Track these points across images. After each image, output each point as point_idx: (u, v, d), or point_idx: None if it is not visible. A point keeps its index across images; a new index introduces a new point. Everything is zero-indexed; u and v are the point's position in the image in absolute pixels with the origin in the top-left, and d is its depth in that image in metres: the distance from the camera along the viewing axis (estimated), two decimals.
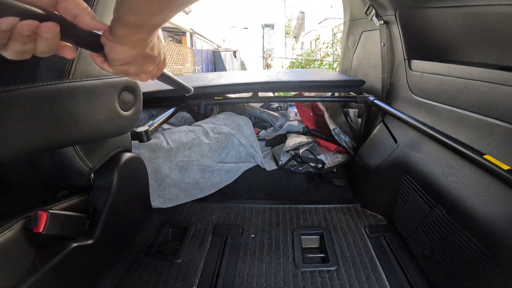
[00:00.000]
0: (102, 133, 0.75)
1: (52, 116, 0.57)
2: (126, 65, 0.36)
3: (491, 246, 0.62)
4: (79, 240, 0.70)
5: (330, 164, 1.49)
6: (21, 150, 0.53)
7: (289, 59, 11.40)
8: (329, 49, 8.66)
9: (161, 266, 0.91)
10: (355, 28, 1.64)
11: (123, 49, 0.34)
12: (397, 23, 1.12)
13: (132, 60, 0.36)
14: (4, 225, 0.55)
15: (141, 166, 0.99)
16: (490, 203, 0.65)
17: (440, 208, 0.80)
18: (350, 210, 1.22)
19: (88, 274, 0.75)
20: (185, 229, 1.09)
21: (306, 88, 1.52)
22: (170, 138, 1.29)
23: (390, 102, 1.26)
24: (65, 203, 0.71)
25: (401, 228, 1.02)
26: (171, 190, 1.24)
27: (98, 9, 0.69)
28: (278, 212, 1.21)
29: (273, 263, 0.93)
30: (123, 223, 0.90)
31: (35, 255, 0.60)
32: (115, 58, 0.35)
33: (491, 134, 0.72)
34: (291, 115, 2.18)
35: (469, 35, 0.91)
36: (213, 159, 1.39)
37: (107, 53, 0.35)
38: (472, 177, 0.72)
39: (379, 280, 0.86)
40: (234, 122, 1.55)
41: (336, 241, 1.03)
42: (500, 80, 0.70)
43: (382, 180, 1.15)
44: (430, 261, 0.83)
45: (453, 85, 0.87)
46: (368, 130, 1.39)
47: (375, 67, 1.38)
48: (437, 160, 0.87)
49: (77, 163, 0.72)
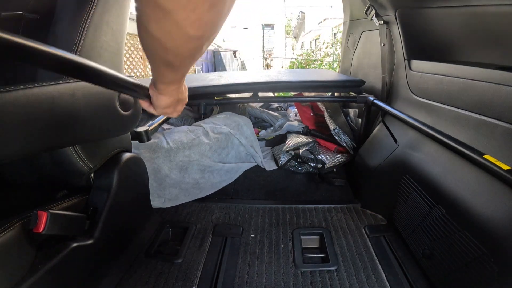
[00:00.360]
0: (102, 133, 0.75)
1: (52, 116, 0.57)
2: (167, 108, 0.52)
3: (491, 246, 0.62)
4: (79, 240, 0.70)
5: (330, 164, 1.49)
6: (21, 150, 0.53)
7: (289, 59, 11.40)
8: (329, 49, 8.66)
9: (161, 266, 0.91)
10: (355, 28, 1.64)
11: (164, 97, 0.49)
12: (397, 23, 1.12)
13: (171, 104, 0.51)
14: (4, 225, 0.55)
15: (141, 166, 0.99)
16: (490, 203, 0.65)
17: (440, 208, 0.80)
18: (350, 210, 1.22)
19: (88, 274, 0.75)
20: (185, 229, 1.09)
21: (306, 88, 1.52)
22: (170, 138, 1.29)
23: (390, 102, 1.26)
24: (65, 203, 0.71)
25: (401, 228, 1.02)
26: (171, 190, 1.24)
27: (98, 9, 0.69)
28: (278, 212, 1.21)
29: (273, 263, 0.93)
30: (123, 223, 0.90)
31: (35, 255, 0.60)
32: (160, 105, 0.51)
33: (491, 134, 0.72)
34: (291, 115, 2.18)
35: (469, 35, 0.91)
36: (213, 159, 1.39)
37: (154, 101, 0.51)
38: (472, 177, 0.72)
39: (379, 280, 0.86)
40: (234, 122, 1.55)
41: (336, 241, 1.03)
42: (500, 80, 0.70)
43: (382, 180, 1.15)
44: (430, 261, 0.83)
45: (453, 85, 0.87)
46: (368, 130, 1.39)
47: (375, 67, 1.38)
48: (437, 160, 0.87)
49: (77, 163, 0.72)
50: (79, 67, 0.37)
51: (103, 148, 0.82)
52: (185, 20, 0.29)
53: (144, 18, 0.31)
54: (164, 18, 0.29)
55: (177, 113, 0.57)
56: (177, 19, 0.29)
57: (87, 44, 0.67)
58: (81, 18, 0.66)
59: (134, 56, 6.11)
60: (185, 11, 0.28)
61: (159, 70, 0.43)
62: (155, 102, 0.51)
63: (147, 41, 0.34)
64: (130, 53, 5.97)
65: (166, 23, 0.29)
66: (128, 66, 5.94)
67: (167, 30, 0.30)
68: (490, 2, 0.76)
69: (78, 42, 0.65)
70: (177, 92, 0.51)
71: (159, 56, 0.37)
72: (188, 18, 0.29)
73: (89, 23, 0.67)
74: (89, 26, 0.67)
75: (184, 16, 0.28)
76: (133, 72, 6.13)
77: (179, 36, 0.31)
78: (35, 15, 0.73)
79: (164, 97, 0.49)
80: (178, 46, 0.33)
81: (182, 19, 0.29)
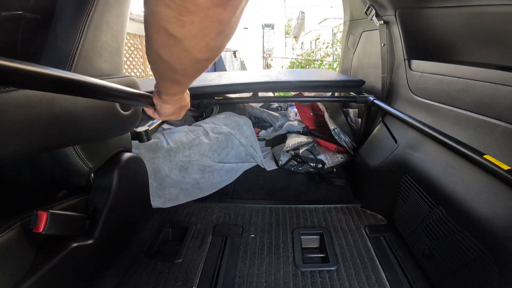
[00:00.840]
0: (102, 133, 0.75)
1: (52, 116, 0.57)
2: (171, 115, 0.56)
3: (491, 246, 0.62)
4: (79, 240, 0.70)
5: (330, 164, 1.49)
6: (21, 150, 0.53)
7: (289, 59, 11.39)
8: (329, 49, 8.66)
9: (161, 266, 0.91)
10: (355, 28, 1.64)
11: (169, 106, 0.53)
12: (397, 23, 1.12)
13: (174, 112, 0.56)
14: (4, 225, 0.55)
15: (141, 166, 0.99)
16: (490, 203, 0.65)
17: (440, 208, 0.80)
18: (350, 210, 1.22)
19: (88, 274, 0.75)
20: (185, 229, 1.09)
21: (306, 88, 1.52)
22: (170, 138, 1.29)
23: (390, 102, 1.26)
24: (65, 203, 0.71)
25: (401, 228, 1.02)
26: (171, 190, 1.24)
27: (98, 9, 0.69)
28: (278, 212, 1.21)
29: (273, 263, 0.93)
30: (123, 223, 0.90)
31: (35, 255, 0.60)
32: (164, 113, 0.55)
33: (491, 134, 0.72)
34: (291, 115, 2.18)
35: (469, 35, 0.91)
36: (213, 159, 1.38)
37: (158, 109, 0.54)
38: (472, 177, 0.72)
39: (379, 280, 0.86)
40: (234, 122, 1.55)
41: (336, 241, 1.03)
42: (500, 80, 0.70)
43: (382, 180, 1.15)
44: (430, 261, 0.83)
45: (453, 85, 0.87)
46: (368, 130, 1.39)
47: (375, 67, 1.38)
48: (437, 160, 0.87)
49: (77, 163, 0.72)
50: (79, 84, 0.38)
51: (103, 148, 0.82)
52: (195, 46, 0.30)
53: (155, 44, 0.31)
54: (175, 45, 0.30)
55: (180, 117, 0.61)
56: (186, 46, 0.29)
57: (87, 44, 0.67)
58: (81, 18, 0.66)
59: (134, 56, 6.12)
60: (195, 39, 0.29)
61: (166, 85, 0.45)
62: (160, 111, 0.54)
63: (156, 63, 0.35)
64: (130, 53, 5.98)
65: (176, 50, 0.30)
66: (128, 66, 5.95)
67: (177, 55, 0.32)
68: (490, 2, 0.76)
69: (78, 42, 0.65)
70: (181, 101, 0.54)
71: (167, 75, 0.39)
72: (198, 45, 0.30)
73: (89, 23, 0.67)
74: (89, 26, 0.67)
75: (193, 43, 0.29)
76: (133, 72, 6.13)
77: (188, 60, 0.32)
78: (35, 15, 0.73)
79: (169, 106, 0.53)
80: (186, 68, 0.35)
81: (191, 46, 0.30)
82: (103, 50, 0.73)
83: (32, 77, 0.30)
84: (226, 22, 0.28)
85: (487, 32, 0.83)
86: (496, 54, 0.82)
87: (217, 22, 0.27)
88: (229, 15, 0.27)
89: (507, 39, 0.78)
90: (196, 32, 0.28)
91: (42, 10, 0.73)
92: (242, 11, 0.29)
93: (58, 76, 0.33)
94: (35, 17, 0.73)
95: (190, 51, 0.30)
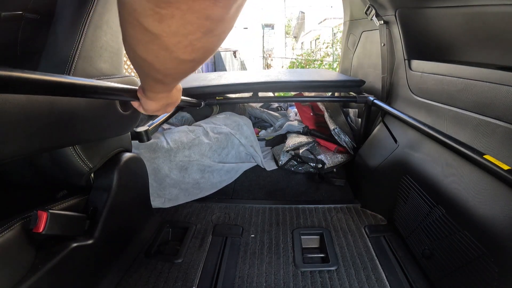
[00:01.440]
0: (102, 133, 0.75)
1: (52, 116, 0.57)
2: (156, 112, 0.54)
3: (491, 246, 0.62)
4: (79, 240, 0.70)
5: (330, 164, 1.49)
6: (21, 150, 0.53)
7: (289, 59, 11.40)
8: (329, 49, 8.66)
9: (161, 266, 0.91)
10: (355, 28, 1.64)
11: (153, 103, 0.50)
12: (397, 23, 1.12)
13: (160, 109, 0.53)
14: (4, 225, 0.55)
15: (141, 166, 0.99)
16: (490, 203, 0.65)
17: (440, 208, 0.80)
18: (350, 210, 1.22)
19: (88, 274, 0.75)
20: (185, 229, 1.09)
21: (306, 88, 1.52)
22: (170, 138, 1.29)
23: (390, 102, 1.26)
24: (65, 203, 0.71)
25: (401, 228, 1.02)
26: (171, 190, 1.24)
27: (98, 9, 0.69)
28: (278, 212, 1.21)
29: (273, 263, 0.93)
30: (123, 223, 0.90)
31: (35, 255, 0.60)
32: (148, 109, 0.53)
33: (491, 134, 0.72)
34: (291, 115, 2.17)
35: (469, 35, 0.90)
36: (213, 159, 1.38)
37: (143, 104, 0.53)
38: (472, 177, 0.72)
39: (379, 280, 0.86)
40: (234, 122, 1.55)
41: (336, 241, 1.03)
42: (500, 80, 0.70)
43: (382, 180, 1.15)
44: (430, 261, 0.83)
45: (453, 85, 0.87)
46: (368, 130, 1.39)
47: (375, 67, 1.38)
48: (437, 160, 0.87)
49: (77, 163, 0.72)
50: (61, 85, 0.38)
51: (103, 148, 0.82)
52: (176, 45, 0.26)
53: (130, 39, 0.28)
54: (152, 42, 0.26)
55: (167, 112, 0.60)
56: (166, 43, 0.26)
57: (87, 44, 0.67)
58: (81, 18, 0.66)
59: None
60: (176, 36, 0.25)
61: (149, 83, 0.41)
62: (144, 106, 0.53)
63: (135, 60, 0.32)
64: None
65: (154, 47, 0.27)
66: (128, 66, 5.93)
67: (155, 54, 0.28)
68: (490, 2, 0.76)
69: (78, 42, 0.65)
70: (167, 99, 0.51)
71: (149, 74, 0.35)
72: (180, 43, 0.26)
73: (89, 23, 0.67)
74: (89, 26, 0.67)
75: (174, 41, 0.25)
76: (133, 71, 6.13)
77: (169, 59, 0.29)
78: (35, 15, 0.73)
79: (153, 103, 0.50)
80: (168, 68, 0.31)
81: (172, 44, 0.26)
82: (103, 50, 0.73)
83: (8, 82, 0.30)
84: (217, 19, 0.24)
85: (487, 32, 0.83)
86: (496, 54, 0.82)
87: (204, 18, 0.23)
88: (221, 12, 0.23)
89: (507, 39, 0.78)
90: (177, 29, 0.24)
91: (42, 10, 0.73)
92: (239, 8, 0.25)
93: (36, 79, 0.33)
94: (35, 17, 0.73)
95: (171, 50, 0.27)
